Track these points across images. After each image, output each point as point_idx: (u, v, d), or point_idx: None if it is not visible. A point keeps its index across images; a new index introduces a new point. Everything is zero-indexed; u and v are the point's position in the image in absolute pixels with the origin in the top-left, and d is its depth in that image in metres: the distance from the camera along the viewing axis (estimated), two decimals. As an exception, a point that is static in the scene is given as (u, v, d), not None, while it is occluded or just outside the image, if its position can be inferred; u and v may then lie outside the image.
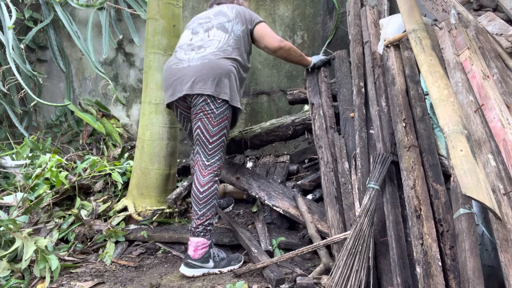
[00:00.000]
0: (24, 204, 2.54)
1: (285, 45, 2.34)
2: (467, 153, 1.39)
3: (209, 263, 2.05)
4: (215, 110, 2.07)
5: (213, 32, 2.21)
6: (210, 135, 2.08)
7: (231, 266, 2.10)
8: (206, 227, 2.05)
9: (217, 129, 2.09)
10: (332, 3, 3.58)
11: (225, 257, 2.11)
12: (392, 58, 2.21)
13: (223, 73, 2.09)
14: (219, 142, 2.10)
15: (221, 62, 2.11)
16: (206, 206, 2.05)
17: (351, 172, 2.14)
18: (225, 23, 2.26)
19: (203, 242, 2.04)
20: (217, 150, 2.10)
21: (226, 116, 2.11)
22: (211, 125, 2.08)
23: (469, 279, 1.34)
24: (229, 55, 2.15)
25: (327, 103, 2.54)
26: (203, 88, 2.05)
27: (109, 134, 3.78)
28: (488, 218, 1.50)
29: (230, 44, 2.19)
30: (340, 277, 1.62)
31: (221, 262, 2.09)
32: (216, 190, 2.10)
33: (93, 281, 1.98)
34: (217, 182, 2.11)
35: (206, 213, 2.05)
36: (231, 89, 2.11)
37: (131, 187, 2.75)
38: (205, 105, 2.07)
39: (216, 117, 2.08)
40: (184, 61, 2.13)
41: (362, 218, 1.72)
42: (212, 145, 2.09)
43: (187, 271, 2.03)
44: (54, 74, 4.03)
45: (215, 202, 2.10)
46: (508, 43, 2.11)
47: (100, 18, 3.74)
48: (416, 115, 1.95)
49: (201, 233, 2.04)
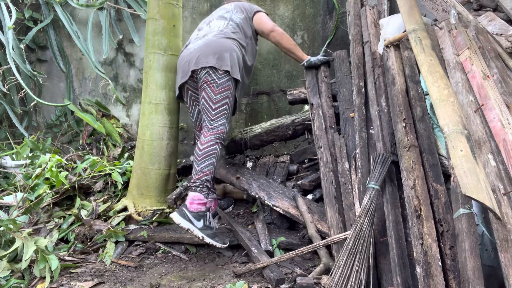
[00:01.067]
0: (24, 204, 2.54)
1: (277, 29, 2.51)
2: (467, 153, 1.39)
3: (199, 223, 2.05)
4: (217, 80, 2.25)
5: (213, 23, 2.52)
6: (213, 102, 2.24)
7: (213, 241, 2.06)
8: (203, 183, 2.09)
9: (220, 97, 2.25)
10: (332, 3, 3.58)
11: (214, 230, 2.12)
12: (392, 58, 2.21)
13: (223, 49, 2.31)
14: (222, 109, 2.25)
15: (222, 41, 2.37)
16: (204, 162, 2.13)
17: (351, 172, 2.14)
18: (224, 14, 2.55)
19: (199, 197, 2.07)
20: (220, 116, 2.24)
21: (228, 86, 2.27)
22: (214, 93, 2.25)
23: (469, 279, 1.34)
24: (228, 36, 2.40)
25: (327, 103, 2.54)
26: (206, 62, 2.27)
27: (109, 134, 3.77)
28: (488, 218, 1.50)
29: (229, 28, 2.45)
30: (340, 277, 1.62)
31: (208, 230, 2.07)
32: (216, 151, 2.17)
33: (93, 281, 1.98)
34: (218, 145, 2.20)
35: (204, 169, 2.11)
36: (231, 62, 2.29)
37: (131, 187, 2.75)
38: (208, 76, 2.27)
39: (218, 86, 2.25)
40: (191, 48, 2.42)
41: (362, 218, 1.72)
42: (215, 111, 2.24)
43: (175, 217, 2.03)
44: (54, 74, 4.03)
45: (214, 161, 2.16)
46: (508, 43, 2.11)
47: (100, 18, 3.74)
48: (416, 115, 1.95)
49: (198, 187, 2.08)
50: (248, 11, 2.56)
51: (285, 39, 2.54)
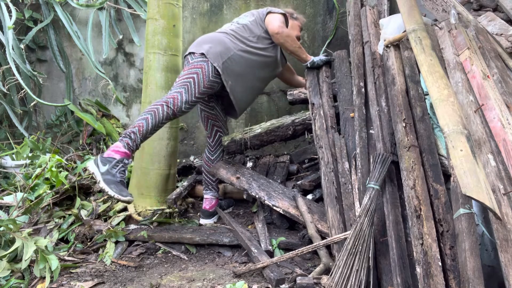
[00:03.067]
0: (24, 204, 2.54)
1: (282, 31, 2.50)
2: (467, 153, 1.39)
3: (103, 167, 1.97)
4: (190, 61, 2.38)
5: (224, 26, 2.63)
6: (179, 77, 2.33)
7: (108, 187, 1.93)
8: (127, 133, 2.08)
9: (186, 72, 2.32)
10: (332, 3, 3.58)
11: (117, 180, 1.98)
12: (392, 58, 2.21)
13: (206, 39, 2.43)
14: (184, 81, 2.29)
15: (211, 34, 2.49)
16: (140, 117, 2.14)
17: (351, 172, 2.14)
18: (235, 19, 2.66)
19: (116, 145, 2.04)
20: (178, 86, 2.28)
21: (199, 65, 2.33)
22: (183, 70, 2.36)
23: (469, 279, 1.34)
24: (222, 31, 2.50)
25: (328, 103, 2.54)
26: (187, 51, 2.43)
27: (109, 134, 3.77)
28: (488, 218, 1.50)
29: (230, 27, 2.55)
30: (340, 277, 1.62)
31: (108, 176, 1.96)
32: (155, 110, 2.15)
33: (93, 281, 1.98)
34: (162, 107, 2.17)
35: (136, 122, 2.13)
36: (210, 48, 2.36)
37: (131, 187, 2.75)
38: (185, 62, 2.43)
39: (189, 64, 2.37)
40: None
41: (362, 218, 1.72)
42: (176, 83, 2.30)
43: (90, 163, 2.00)
44: (54, 74, 4.03)
45: (149, 117, 2.13)
46: (508, 43, 2.11)
47: (100, 18, 3.74)
48: (416, 115, 1.95)
49: (121, 136, 2.09)
50: (260, 13, 2.59)
51: (290, 41, 2.53)
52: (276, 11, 2.58)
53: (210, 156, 2.74)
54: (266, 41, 2.56)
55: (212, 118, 2.68)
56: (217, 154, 2.75)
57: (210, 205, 2.71)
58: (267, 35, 2.56)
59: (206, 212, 2.69)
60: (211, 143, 2.73)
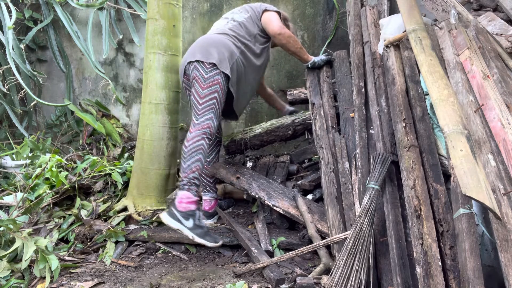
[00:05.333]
0: (24, 204, 2.54)
1: (285, 32, 2.44)
2: (467, 153, 1.39)
3: (188, 222, 2.03)
4: (204, 74, 2.21)
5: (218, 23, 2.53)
6: (200, 97, 2.20)
7: (204, 240, 2.04)
8: (191, 180, 2.07)
9: (207, 91, 2.20)
10: (332, 3, 3.58)
11: (205, 229, 2.08)
12: (392, 58, 2.21)
13: (211, 43, 2.29)
14: (210, 103, 2.20)
15: (212, 36, 2.38)
16: (191, 158, 2.10)
17: (351, 172, 2.14)
18: (227, 15, 2.54)
19: (188, 196, 2.04)
20: (207, 111, 2.19)
21: (216, 80, 2.21)
22: (201, 88, 2.20)
23: (469, 279, 1.34)
24: (223, 32, 2.40)
25: (329, 103, 2.54)
26: (193, 57, 2.26)
27: (109, 134, 3.77)
28: (488, 218, 1.50)
29: (227, 26, 2.45)
30: (340, 277, 1.62)
31: (198, 230, 2.05)
32: (203, 147, 2.13)
33: (93, 281, 1.98)
34: (205, 140, 2.16)
35: (191, 166, 2.08)
36: (219, 55, 2.24)
37: (131, 187, 2.75)
38: (195, 71, 2.24)
39: (205, 80, 2.20)
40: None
41: (362, 218, 1.72)
42: (202, 106, 2.19)
43: (165, 218, 2.03)
44: (54, 74, 4.03)
45: (201, 157, 2.12)
46: (508, 43, 2.11)
47: (100, 18, 3.74)
48: (416, 115, 1.95)
49: (186, 185, 2.06)
50: (255, 10, 2.51)
51: (292, 42, 2.48)
52: (272, 9, 2.51)
53: (206, 158, 2.62)
54: (262, 40, 2.50)
55: None
56: (213, 156, 2.70)
57: (209, 206, 2.68)
58: (263, 33, 2.50)
59: (205, 213, 2.65)
60: None
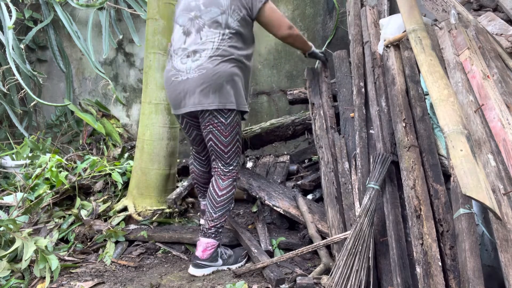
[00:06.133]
0: (24, 204, 2.54)
1: (293, 32, 2.19)
2: (467, 153, 1.39)
3: (218, 262, 2.08)
4: (224, 121, 2.00)
5: (204, 33, 2.00)
6: (225, 145, 2.05)
7: (239, 263, 2.13)
8: (218, 229, 2.07)
9: (230, 138, 2.05)
10: (332, 3, 3.58)
11: (232, 254, 2.14)
12: (392, 58, 2.21)
13: (224, 81, 1.96)
14: (235, 149, 2.09)
15: (220, 69, 1.96)
16: (223, 209, 2.06)
17: (351, 172, 2.14)
18: (217, 17, 2.00)
19: (212, 243, 2.05)
20: (234, 157, 2.10)
21: (236, 123, 2.05)
22: (223, 136, 2.03)
23: (469, 279, 1.34)
24: (228, 57, 1.98)
25: (328, 103, 2.53)
26: (207, 104, 1.96)
27: (109, 134, 3.77)
28: (488, 218, 1.50)
29: (226, 42, 2.00)
30: (340, 277, 1.62)
31: (229, 260, 2.12)
32: (233, 196, 2.12)
33: (93, 281, 1.98)
34: (235, 187, 2.13)
35: (221, 217, 2.06)
36: (236, 94, 2.01)
37: (131, 187, 2.75)
38: (213, 118, 1.99)
39: (226, 127, 2.02)
40: (182, 73, 2.00)
41: (362, 218, 1.72)
42: (228, 154, 2.07)
43: (196, 272, 2.04)
44: (54, 74, 4.03)
45: (231, 205, 2.12)
46: (508, 43, 2.11)
47: (100, 18, 3.74)
48: (416, 115, 1.95)
49: (213, 234, 2.05)
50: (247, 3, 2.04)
51: (299, 39, 2.28)
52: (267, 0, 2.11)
53: (203, 169, 2.39)
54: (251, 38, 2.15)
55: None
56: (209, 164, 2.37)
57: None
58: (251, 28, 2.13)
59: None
60: (202, 158, 2.36)
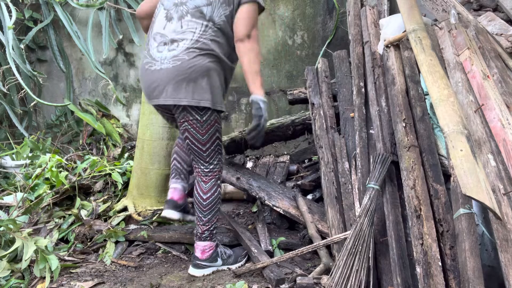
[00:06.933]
0: (24, 204, 2.54)
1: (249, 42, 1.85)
2: (467, 153, 1.39)
3: (218, 262, 2.07)
4: (199, 118, 1.87)
5: (186, 21, 1.86)
6: (202, 144, 1.94)
7: (239, 263, 2.12)
8: (212, 232, 2.04)
9: (207, 137, 1.93)
10: (332, 3, 3.58)
11: (232, 254, 2.13)
12: (392, 58, 2.21)
13: (199, 76, 1.82)
14: (214, 147, 1.98)
15: (196, 62, 1.81)
16: (211, 211, 2.01)
17: (351, 172, 2.14)
18: (202, 7, 1.87)
19: (210, 245, 2.04)
20: (213, 156, 1.99)
21: (213, 121, 1.91)
22: (200, 134, 1.91)
23: (469, 279, 1.34)
24: (207, 51, 1.84)
25: (328, 103, 2.54)
26: (178, 98, 1.82)
27: (109, 134, 3.77)
28: (488, 218, 1.50)
29: (208, 35, 1.85)
30: (340, 277, 1.62)
31: (229, 259, 2.11)
32: (220, 195, 2.07)
33: (93, 281, 1.98)
34: (220, 186, 2.07)
35: (211, 219, 2.02)
36: (212, 92, 1.85)
37: (131, 187, 2.75)
38: (187, 114, 1.87)
39: (202, 125, 1.89)
40: (157, 62, 1.87)
41: (362, 218, 1.72)
42: (207, 152, 1.97)
43: (196, 272, 2.03)
44: (54, 74, 4.03)
45: (219, 206, 2.07)
46: (508, 43, 2.11)
47: (100, 18, 3.74)
48: (416, 115, 1.95)
49: (208, 237, 2.03)
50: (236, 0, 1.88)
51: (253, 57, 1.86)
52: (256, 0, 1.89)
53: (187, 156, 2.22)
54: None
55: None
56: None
57: (179, 196, 2.17)
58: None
59: (173, 203, 2.15)
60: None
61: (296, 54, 3.68)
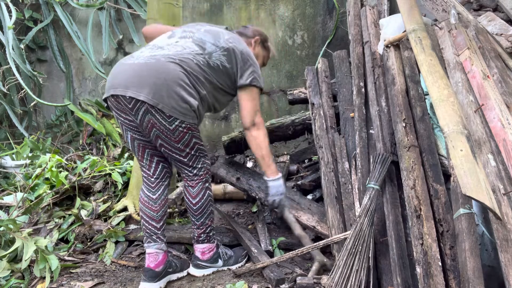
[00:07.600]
0: (24, 204, 2.54)
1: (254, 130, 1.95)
2: (467, 153, 1.39)
3: (218, 263, 2.07)
4: (167, 125, 1.72)
5: (185, 41, 1.84)
6: (180, 150, 1.82)
7: (239, 263, 2.12)
8: (209, 234, 2.03)
9: (183, 144, 1.80)
10: (332, 3, 3.58)
11: (233, 255, 2.13)
12: (392, 58, 2.21)
13: (170, 80, 1.69)
14: (194, 151, 1.86)
15: (170, 67, 1.71)
16: (204, 215, 1.98)
17: (351, 172, 2.14)
18: (207, 42, 1.85)
19: (209, 247, 2.04)
20: (195, 159, 1.89)
21: (186, 129, 1.77)
22: (174, 142, 1.78)
23: (469, 279, 1.34)
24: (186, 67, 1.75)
25: (328, 103, 2.53)
26: (137, 93, 1.66)
27: (109, 134, 3.77)
28: (488, 218, 1.50)
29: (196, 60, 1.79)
30: (340, 277, 1.62)
31: (230, 260, 2.11)
32: (210, 197, 1.99)
33: (93, 281, 1.98)
34: (209, 188, 1.98)
35: (205, 222, 2.00)
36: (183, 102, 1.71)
37: (131, 187, 2.75)
38: (151, 117, 1.70)
39: (173, 133, 1.75)
40: (132, 58, 1.78)
41: (362, 218, 1.72)
42: (187, 158, 1.86)
43: (196, 272, 2.04)
44: (54, 74, 4.03)
45: (212, 208, 2.02)
46: (508, 43, 2.11)
47: (100, 18, 3.75)
48: (416, 115, 1.95)
49: (205, 240, 2.03)
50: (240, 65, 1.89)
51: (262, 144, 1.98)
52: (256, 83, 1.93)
53: (151, 194, 1.95)
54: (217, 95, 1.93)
55: (149, 147, 1.91)
56: (161, 191, 1.97)
57: (155, 263, 1.91)
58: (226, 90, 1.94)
59: (150, 272, 1.89)
60: (151, 177, 1.96)
61: (296, 54, 3.68)
